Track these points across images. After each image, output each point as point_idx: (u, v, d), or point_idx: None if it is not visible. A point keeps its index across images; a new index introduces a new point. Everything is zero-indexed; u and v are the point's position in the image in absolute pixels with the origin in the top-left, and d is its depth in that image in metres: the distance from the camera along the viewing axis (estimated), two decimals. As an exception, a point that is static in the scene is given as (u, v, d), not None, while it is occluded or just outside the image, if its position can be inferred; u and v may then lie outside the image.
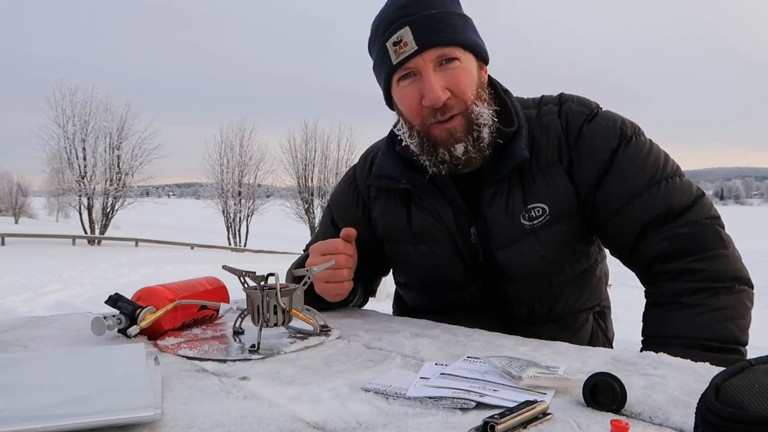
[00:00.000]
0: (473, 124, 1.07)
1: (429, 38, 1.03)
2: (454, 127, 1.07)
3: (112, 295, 0.98)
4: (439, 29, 1.04)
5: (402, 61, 1.05)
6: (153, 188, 70.90)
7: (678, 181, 1.08)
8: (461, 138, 1.07)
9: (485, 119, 1.07)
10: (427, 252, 1.19)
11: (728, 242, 1.04)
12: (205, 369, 0.78)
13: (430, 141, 1.10)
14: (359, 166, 1.34)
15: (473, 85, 1.07)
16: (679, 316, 1.00)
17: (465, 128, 1.07)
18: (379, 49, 1.09)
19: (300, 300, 0.98)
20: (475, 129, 1.07)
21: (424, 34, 1.03)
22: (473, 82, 1.07)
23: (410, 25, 1.04)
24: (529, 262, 1.12)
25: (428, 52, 1.04)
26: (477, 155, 1.09)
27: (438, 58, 1.04)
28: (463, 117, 1.07)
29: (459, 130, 1.07)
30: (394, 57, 1.06)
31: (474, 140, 1.08)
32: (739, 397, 0.44)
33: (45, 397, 0.61)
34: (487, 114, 1.08)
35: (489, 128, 1.08)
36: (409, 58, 1.04)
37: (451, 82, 1.05)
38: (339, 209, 1.34)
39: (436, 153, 1.10)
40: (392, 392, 0.66)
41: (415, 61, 1.05)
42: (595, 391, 0.62)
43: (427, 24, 1.04)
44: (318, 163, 31.74)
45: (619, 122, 1.12)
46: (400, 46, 1.05)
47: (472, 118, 1.07)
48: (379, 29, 1.09)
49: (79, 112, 26.20)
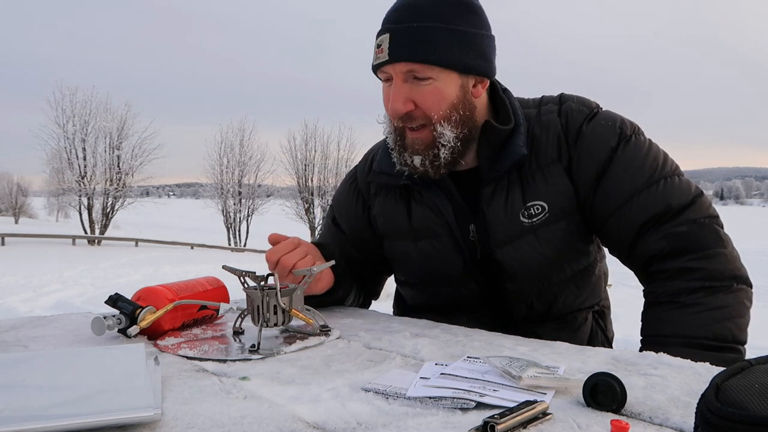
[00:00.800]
0: (435, 141, 1.09)
1: (400, 52, 1.04)
2: (419, 139, 1.09)
3: (112, 295, 0.98)
4: (413, 45, 1.03)
5: (378, 65, 1.08)
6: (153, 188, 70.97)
7: (677, 181, 1.08)
8: (420, 151, 1.09)
9: (446, 140, 1.08)
10: (427, 248, 1.19)
11: (726, 241, 1.04)
12: (205, 369, 0.78)
13: (402, 141, 1.12)
14: (360, 165, 1.35)
15: (442, 105, 1.06)
16: (677, 315, 1.00)
17: (427, 143, 1.09)
18: (375, 42, 1.11)
19: (300, 300, 0.98)
20: (435, 146, 1.09)
21: (397, 47, 1.04)
22: (444, 102, 1.06)
23: (390, 33, 1.05)
24: (528, 259, 1.12)
25: (398, 64, 1.05)
26: (432, 170, 1.10)
27: (408, 72, 1.05)
28: (428, 131, 1.09)
29: (421, 143, 1.09)
30: (374, 58, 1.09)
31: (432, 157, 1.09)
32: (739, 397, 0.44)
33: (45, 397, 0.61)
34: (448, 136, 1.08)
35: (449, 150, 1.09)
36: (383, 65, 1.07)
37: (417, 98, 1.06)
38: (340, 208, 1.35)
39: (402, 154, 1.12)
40: (392, 392, 0.66)
41: (387, 68, 1.07)
42: (595, 391, 0.62)
43: (404, 37, 1.04)
44: (318, 163, 31.75)
45: (618, 122, 1.12)
46: (379, 50, 1.07)
47: (434, 135, 1.08)
48: (381, 24, 1.11)
49: (79, 112, 26.22)
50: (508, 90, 1.18)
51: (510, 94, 1.17)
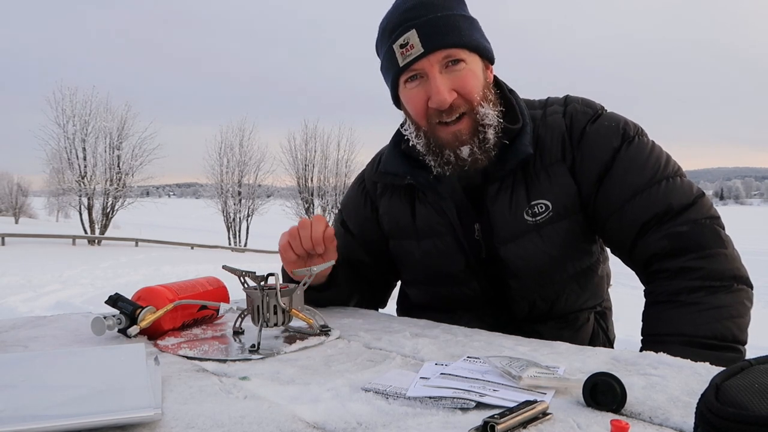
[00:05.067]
0: (479, 125, 1.09)
1: (435, 41, 1.05)
2: (460, 130, 1.09)
3: (112, 295, 0.98)
4: (444, 32, 1.05)
5: (409, 63, 1.07)
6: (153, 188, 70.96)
7: (679, 181, 1.08)
8: (467, 140, 1.09)
9: (491, 120, 1.09)
10: (430, 247, 1.20)
11: (727, 242, 1.04)
12: (205, 369, 0.78)
13: (437, 142, 1.11)
14: (368, 167, 1.37)
15: (479, 86, 1.09)
16: (678, 314, 1.00)
17: (471, 130, 1.09)
18: (386, 51, 1.11)
19: (300, 300, 0.98)
20: (480, 130, 1.09)
21: (430, 37, 1.05)
22: (479, 83, 1.09)
23: (416, 28, 1.05)
24: (531, 257, 1.13)
25: (434, 54, 1.05)
26: (482, 156, 1.10)
27: (444, 60, 1.06)
28: (469, 118, 1.09)
29: (465, 133, 1.09)
30: (401, 59, 1.08)
31: (480, 141, 1.09)
32: (739, 397, 0.44)
33: (45, 397, 0.61)
34: (492, 114, 1.09)
35: (494, 129, 1.09)
36: (416, 61, 1.06)
37: (457, 84, 1.07)
38: (349, 210, 1.36)
39: (442, 154, 1.11)
40: (392, 392, 0.66)
41: (421, 63, 1.06)
42: (595, 391, 0.62)
43: (432, 27, 1.05)
44: (318, 163, 31.77)
45: (622, 123, 1.13)
46: (406, 49, 1.06)
47: (477, 119, 1.09)
48: (386, 31, 1.11)
49: (79, 112, 26.25)
50: (514, 91, 1.19)
51: (516, 95, 1.19)
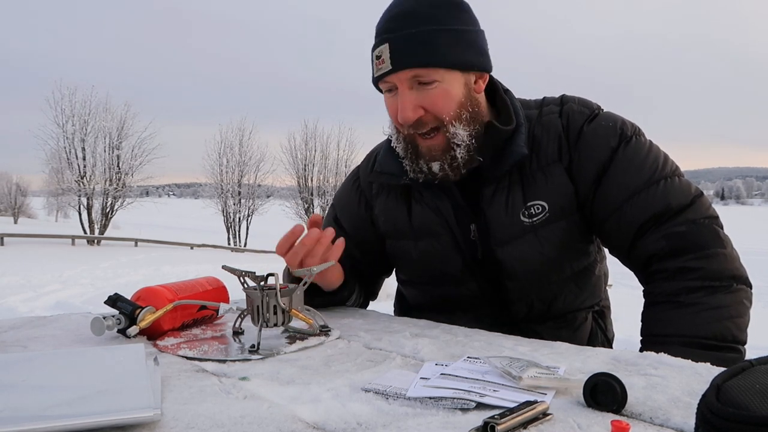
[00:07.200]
0: (450, 143, 1.09)
1: (402, 59, 1.04)
2: (434, 145, 1.09)
3: (111, 296, 0.98)
4: (414, 51, 1.03)
5: (380, 76, 1.08)
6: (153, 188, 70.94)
7: (677, 181, 1.08)
8: (438, 157, 1.10)
9: (460, 140, 1.08)
10: (427, 247, 1.20)
11: (726, 241, 1.04)
12: (204, 369, 0.78)
13: (415, 149, 1.12)
14: (363, 165, 1.36)
15: (452, 105, 1.07)
16: (677, 314, 1.00)
17: (443, 147, 1.09)
18: (371, 54, 1.11)
19: (300, 300, 0.98)
20: (452, 147, 1.09)
21: (398, 54, 1.04)
22: (452, 102, 1.07)
23: (389, 43, 1.05)
24: (528, 259, 1.12)
25: (402, 72, 1.05)
26: (452, 173, 1.10)
27: (413, 78, 1.05)
28: (442, 134, 1.09)
29: (437, 149, 1.09)
30: (375, 70, 1.09)
31: (450, 159, 1.09)
32: (739, 398, 0.44)
33: (45, 397, 0.61)
34: (462, 135, 1.08)
35: (465, 148, 1.09)
36: (385, 75, 1.06)
37: (426, 102, 1.06)
38: (342, 207, 1.35)
39: (417, 162, 1.12)
40: (392, 392, 0.66)
41: (391, 78, 1.06)
42: (595, 391, 0.62)
43: (404, 44, 1.04)
44: (318, 163, 31.78)
45: (619, 123, 1.13)
46: (380, 61, 1.07)
47: (448, 137, 1.08)
48: (375, 35, 1.10)
49: (79, 111, 26.23)
50: (509, 91, 1.18)
51: (511, 94, 1.18)
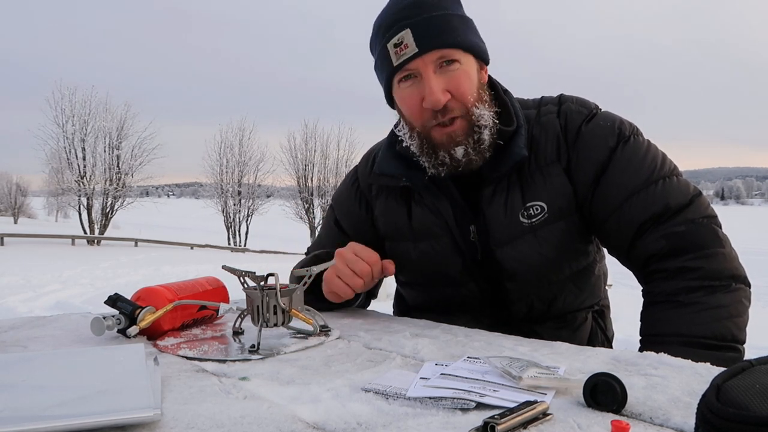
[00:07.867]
0: (474, 126, 1.08)
1: (429, 41, 1.04)
2: (455, 131, 1.08)
3: (111, 296, 0.98)
4: (439, 32, 1.04)
5: (403, 62, 1.06)
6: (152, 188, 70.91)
7: (675, 181, 1.08)
8: (461, 141, 1.08)
9: (485, 121, 1.08)
10: (427, 249, 1.19)
11: (725, 241, 1.04)
12: (204, 369, 0.78)
13: (430, 143, 1.11)
14: (361, 165, 1.35)
15: (474, 87, 1.08)
16: (677, 314, 1.00)
17: (465, 131, 1.08)
18: (381, 50, 1.10)
19: (300, 300, 0.98)
20: (475, 131, 1.08)
21: (424, 37, 1.04)
22: (473, 84, 1.08)
23: (411, 27, 1.04)
24: (527, 259, 1.12)
25: (428, 54, 1.04)
26: (477, 157, 1.09)
27: (438, 60, 1.05)
28: (464, 119, 1.08)
29: (459, 134, 1.08)
30: (395, 59, 1.07)
31: (474, 142, 1.08)
32: (739, 398, 0.44)
33: (45, 397, 0.61)
34: (487, 115, 1.08)
35: (489, 129, 1.09)
36: (410, 60, 1.05)
37: (451, 84, 1.06)
38: (342, 209, 1.35)
39: (436, 155, 1.11)
40: (392, 392, 0.66)
41: (415, 63, 1.05)
42: (595, 391, 0.62)
43: (427, 26, 1.04)
44: (318, 163, 31.78)
45: (617, 122, 1.13)
46: (400, 48, 1.05)
47: (472, 120, 1.08)
48: (380, 30, 1.10)
49: (79, 112, 26.23)
50: (508, 91, 1.18)
51: (511, 95, 1.18)
